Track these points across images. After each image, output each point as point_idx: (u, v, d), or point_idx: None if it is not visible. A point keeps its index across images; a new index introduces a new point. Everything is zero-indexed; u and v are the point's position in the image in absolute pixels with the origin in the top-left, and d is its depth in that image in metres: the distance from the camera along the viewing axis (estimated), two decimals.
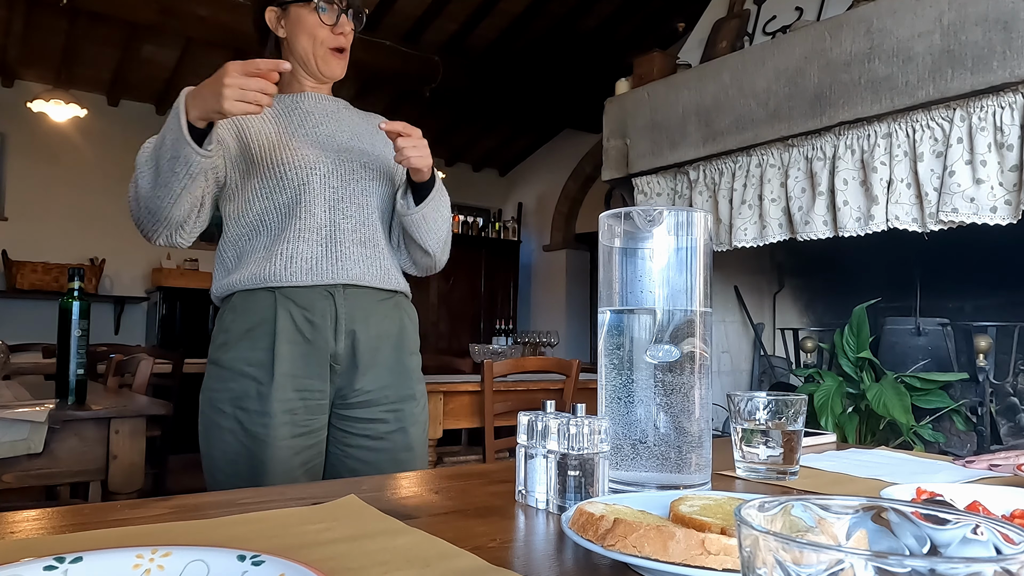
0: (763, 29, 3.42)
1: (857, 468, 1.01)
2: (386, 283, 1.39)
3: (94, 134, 5.92)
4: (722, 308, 3.90)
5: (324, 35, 1.39)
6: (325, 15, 1.38)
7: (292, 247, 1.31)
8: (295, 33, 1.40)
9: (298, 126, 1.39)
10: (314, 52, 1.40)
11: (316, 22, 1.38)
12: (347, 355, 1.34)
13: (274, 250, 1.31)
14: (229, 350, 1.31)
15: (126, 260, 6.07)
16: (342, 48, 1.42)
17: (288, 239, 1.31)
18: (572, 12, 5.28)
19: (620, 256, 0.84)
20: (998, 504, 0.69)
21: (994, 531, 0.30)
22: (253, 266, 1.31)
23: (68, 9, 4.40)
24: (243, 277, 1.31)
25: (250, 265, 1.32)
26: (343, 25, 1.39)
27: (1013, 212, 2.35)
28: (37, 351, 4.34)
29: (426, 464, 1.46)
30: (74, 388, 1.77)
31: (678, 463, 0.79)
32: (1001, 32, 2.34)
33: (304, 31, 1.39)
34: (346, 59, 1.44)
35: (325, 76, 1.44)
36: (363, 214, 1.38)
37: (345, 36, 1.40)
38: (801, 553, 0.27)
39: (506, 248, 7.32)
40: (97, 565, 0.45)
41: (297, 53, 1.41)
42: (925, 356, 3.18)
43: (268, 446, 1.26)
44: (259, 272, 1.30)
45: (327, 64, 1.42)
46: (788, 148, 3.02)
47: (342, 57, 1.43)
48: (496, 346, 3.75)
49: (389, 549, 0.57)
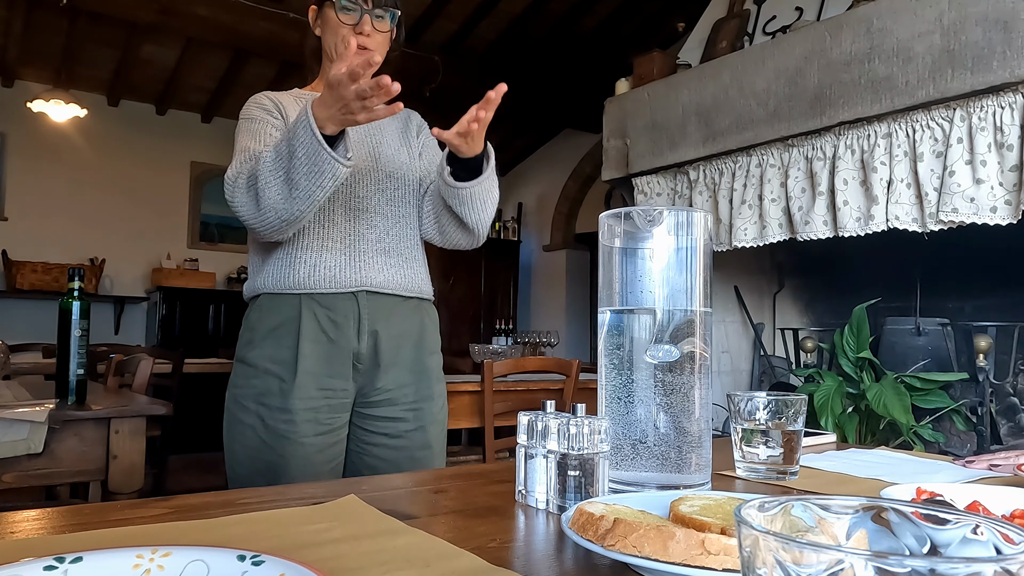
0: (763, 29, 3.42)
1: (857, 468, 1.01)
2: (409, 291, 1.40)
3: (94, 134, 5.92)
4: (722, 308, 3.90)
5: (345, 33, 1.38)
6: (344, 15, 1.38)
7: (315, 255, 1.32)
8: (325, 32, 1.42)
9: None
10: (336, 49, 1.40)
11: (339, 21, 1.39)
12: (369, 354, 1.35)
13: (298, 257, 1.33)
14: (254, 348, 1.33)
15: (126, 260, 6.07)
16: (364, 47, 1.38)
17: (311, 247, 1.33)
18: (572, 12, 5.28)
19: (620, 256, 0.84)
20: (998, 504, 0.69)
21: (994, 531, 0.30)
22: (277, 272, 1.33)
23: (68, 9, 4.40)
24: (268, 281, 1.33)
25: (274, 270, 1.34)
26: (364, 25, 1.38)
27: (1013, 212, 2.35)
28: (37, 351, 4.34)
29: (443, 463, 1.47)
30: (74, 388, 1.77)
31: (678, 463, 0.79)
32: (1001, 32, 2.34)
33: (330, 29, 1.40)
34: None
35: None
36: (388, 223, 1.39)
37: (367, 36, 1.38)
38: (801, 553, 0.27)
39: (506, 248, 7.31)
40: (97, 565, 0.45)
41: (327, 51, 1.43)
42: (925, 356, 3.18)
43: (290, 443, 1.28)
44: (283, 278, 1.32)
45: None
46: (788, 148, 3.02)
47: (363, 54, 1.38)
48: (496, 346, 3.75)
49: (389, 549, 0.57)
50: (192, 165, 6.41)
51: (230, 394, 1.35)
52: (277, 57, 5.22)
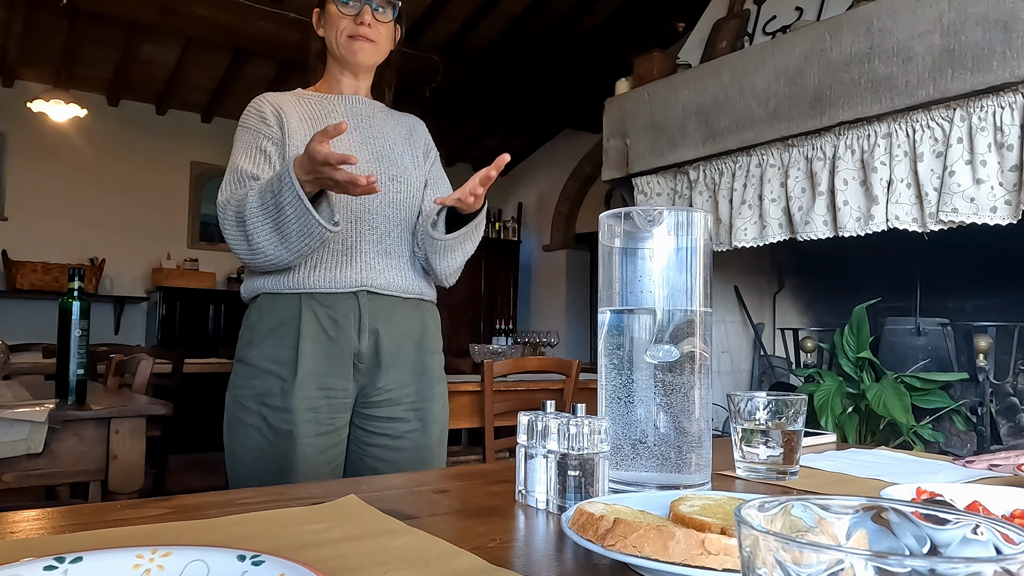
0: (763, 29, 3.41)
1: (857, 468, 1.01)
2: (409, 292, 1.41)
3: (94, 134, 5.92)
4: (722, 308, 3.90)
5: (346, 24, 1.41)
6: (343, 7, 1.41)
7: (316, 255, 1.33)
8: (327, 28, 1.44)
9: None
10: (337, 40, 1.42)
11: (339, 13, 1.41)
12: (370, 353, 1.35)
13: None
14: (254, 348, 1.33)
15: (126, 260, 6.07)
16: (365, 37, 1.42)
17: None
18: (572, 12, 5.28)
19: (620, 256, 0.84)
20: (998, 504, 0.69)
21: (994, 531, 0.30)
22: (277, 272, 1.33)
23: (68, 9, 4.40)
24: (268, 281, 1.34)
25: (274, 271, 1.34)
26: (364, 15, 1.40)
27: (1013, 212, 2.35)
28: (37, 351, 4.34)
29: (444, 464, 1.47)
30: (74, 388, 1.77)
31: (678, 463, 0.79)
32: (1001, 32, 2.34)
33: (331, 23, 1.42)
34: (371, 47, 1.43)
35: (350, 63, 1.44)
36: (388, 225, 1.39)
37: (367, 26, 1.41)
38: (801, 553, 0.27)
39: (506, 248, 7.31)
40: (97, 565, 0.45)
41: (328, 46, 1.45)
42: (925, 356, 3.18)
43: (293, 443, 1.28)
44: (283, 278, 1.33)
45: (349, 50, 1.42)
46: (788, 148, 3.02)
47: (365, 43, 1.42)
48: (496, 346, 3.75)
49: (389, 549, 0.57)
50: (192, 165, 6.41)
51: (230, 394, 1.35)
52: (277, 57, 5.22)
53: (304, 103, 1.43)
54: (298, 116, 1.40)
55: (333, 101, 1.45)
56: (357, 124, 1.44)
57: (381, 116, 1.49)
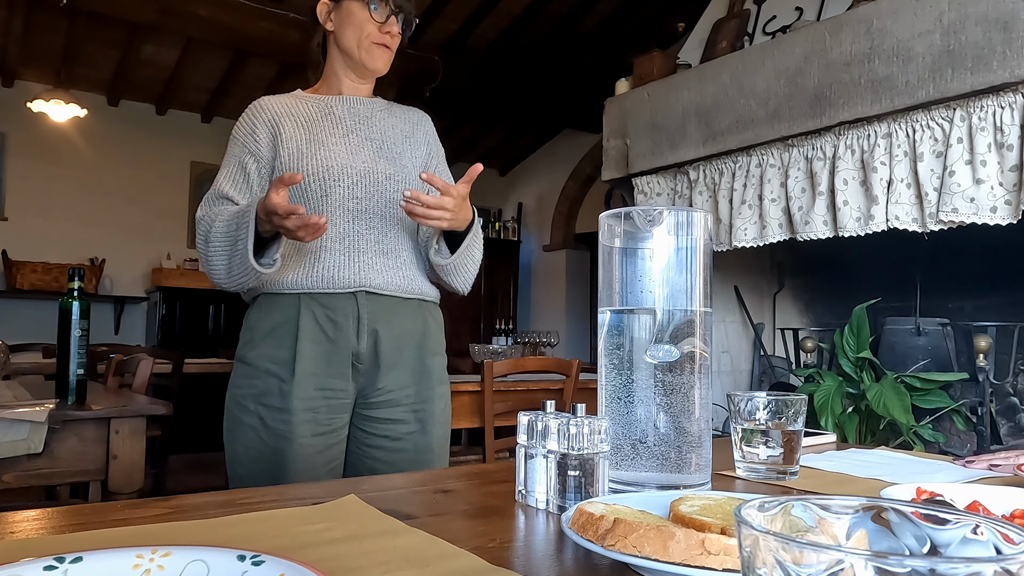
0: (763, 29, 3.42)
1: (857, 468, 1.01)
2: (409, 292, 1.40)
3: (94, 134, 5.92)
4: (722, 308, 3.90)
5: (372, 30, 1.40)
6: (376, 12, 1.39)
7: (314, 255, 1.33)
8: (343, 26, 1.41)
9: (328, 134, 1.40)
10: (359, 44, 1.40)
11: (366, 17, 1.39)
12: (369, 354, 1.35)
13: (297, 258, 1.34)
14: (254, 348, 1.33)
15: (126, 260, 6.07)
16: (387, 46, 1.42)
17: (310, 246, 1.33)
18: (572, 12, 5.28)
19: (620, 256, 0.84)
20: (998, 504, 0.69)
21: (994, 531, 0.30)
22: (277, 272, 1.32)
23: (68, 9, 4.40)
24: (268, 281, 1.33)
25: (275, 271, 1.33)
26: (391, 25, 1.40)
27: (1013, 212, 2.35)
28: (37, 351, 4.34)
29: (446, 465, 1.46)
30: (74, 388, 1.77)
31: (678, 463, 0.79)
32: (1001, 32, 2.34)
33: (352, 24, 1.40)
34: (390, 57, 1.44)
35: (368, 68, 1.43)
36: (387, 224, 1.39)
37: (392, 36, 1.41)
38: (801, 553, 0.27)
39: (506, 248, 7.31)
40: (97, 565, 0.45)
41: (343, 45, 1.42)
42: (925, 356, 3.18)
43: (291, 443, 1.28)
44: (282, 278, 1.33)
45: (371, 56, 1.41)
46: (788, 148, 3.02)
47: (386, 52, 1.43)
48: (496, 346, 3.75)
49: (389, 549, 0.57)
50: (192, 165, 6.41)
51: (230, 394, 1.35)
52: (277, 57, 5.22)
53: (303, 105, 1.43)
54: (294, 122, 1.39)
55: (331, 103, 1.45)
56: (355, 125, 1.43)
57: (381, 114, 1.48)
